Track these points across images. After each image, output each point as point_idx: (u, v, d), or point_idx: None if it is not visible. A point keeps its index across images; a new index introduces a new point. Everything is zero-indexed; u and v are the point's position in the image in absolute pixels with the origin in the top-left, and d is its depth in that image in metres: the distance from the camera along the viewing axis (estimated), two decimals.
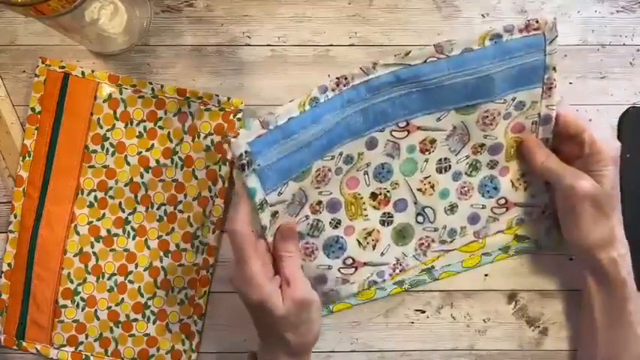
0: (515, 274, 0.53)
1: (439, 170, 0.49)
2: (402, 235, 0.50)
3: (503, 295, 0.53)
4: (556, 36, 0.44)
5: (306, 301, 0.43)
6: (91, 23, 0.48)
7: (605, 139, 0.46)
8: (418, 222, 0.50)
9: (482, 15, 0.52)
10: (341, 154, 0.46)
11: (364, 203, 0.49)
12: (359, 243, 0.50)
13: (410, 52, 0.44)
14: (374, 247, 0.50)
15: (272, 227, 0.44)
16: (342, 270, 0.50)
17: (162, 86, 0.51)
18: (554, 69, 0.45)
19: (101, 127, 0.52)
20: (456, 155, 0.49)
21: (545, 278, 0.53)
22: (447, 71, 0.44)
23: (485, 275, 0.53)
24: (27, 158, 0.51)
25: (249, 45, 0.52)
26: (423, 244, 0.51)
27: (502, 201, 0.50)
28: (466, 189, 0.50)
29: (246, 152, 0.40)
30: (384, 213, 0.50)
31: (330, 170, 0.46)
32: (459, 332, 0.53)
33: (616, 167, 0.45)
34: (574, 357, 0.52)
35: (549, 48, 0.44)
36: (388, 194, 0.49)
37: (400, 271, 0.51)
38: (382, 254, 0.50)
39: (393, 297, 0.52)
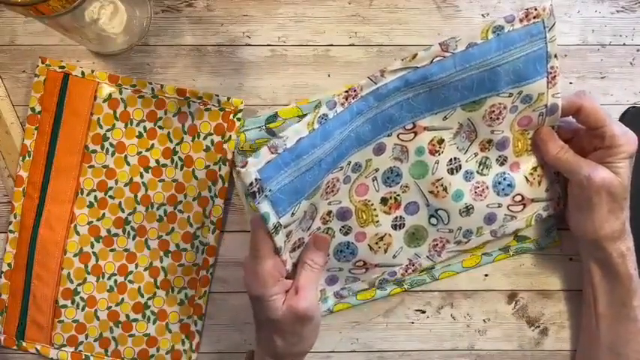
0: (515, 274, 0.53)
1: (450, 171, 0.48)
2: (414, 237, 0.50)
3: (504, 295, 0.53)
4: (554, 22, 0.44)
5: (305, 315, 0.42)
6: (91, 23, 0.48)
7: (625, 133, 0.45)
8: (432, 224, 0.50)
9: (482, 15, 0.52)
10: (349, 163, 0.46)
11: (375, 210, 0.49)
12: (370, 248, 0.50)
13: (416, 54, 0.43)
14: (385, 250, 0.50)
15: (286, 246, 0.44)
16: (352, 270, 0.50)
17: (162, 86, 0.51)
18: (555, 56, 0.45)
19: (101, 127, 0.52)
20: (465, 154, 0.48)
21: (545, 278, 0.53)
22: (453, 69, 0.44)
23: (485, 275, 0.53)
24: (27, 158, 0.51)
25: (249, 45, 0.52)
26: (437, 244, 0.50)
27: (518, 198, 0.50)
28: (480, 189, 0.49)
29: (256, 180, 0.39)
30: (396, 217, 0.49)
31: (338, 180, 0.46)
32: (459, 332, 0.53)
33: (632, 161, 0.45)
34: (574, 357, 0.52)
35: (549, 35, 0.44)
36: (398, 198, 0.49)
37: (413, 271, 0.51)
38: (394, 257, 0.50)
39: (393, 297, 0.52)
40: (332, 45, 0.52)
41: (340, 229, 0.49)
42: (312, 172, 0.42)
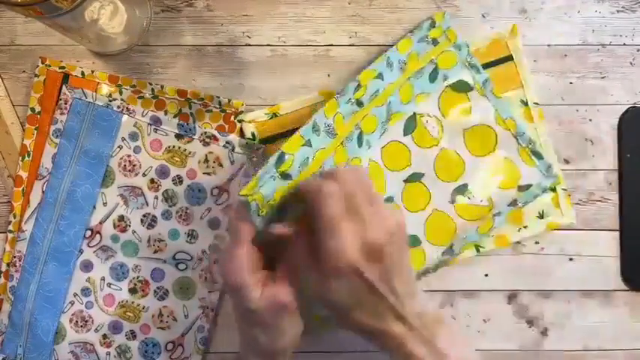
0: (515, 274, 0.53)
1: None
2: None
3: (503, 295, 0.53)
4: None
5: (283, 305, 0.40)
6: (91, 23, 0.48)
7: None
8: None
9: (483, 15, 0.52)
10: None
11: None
12: None
13: None
14: None
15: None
16: None
17: (162, 87, 0.51)
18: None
19: None
20: None
21: (545, 278, 0.53)
22: None
23: (486, 275, 0.53)
24: (26, 158, 0.51)
25: (249, 45, 0.52)
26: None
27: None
28: None
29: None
30: None
31: None
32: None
33: None
34: (574, 357, 0.52)
35: None
36: None
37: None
38: None
39: None
40: (332, 45, 0.52)
41: None
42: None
